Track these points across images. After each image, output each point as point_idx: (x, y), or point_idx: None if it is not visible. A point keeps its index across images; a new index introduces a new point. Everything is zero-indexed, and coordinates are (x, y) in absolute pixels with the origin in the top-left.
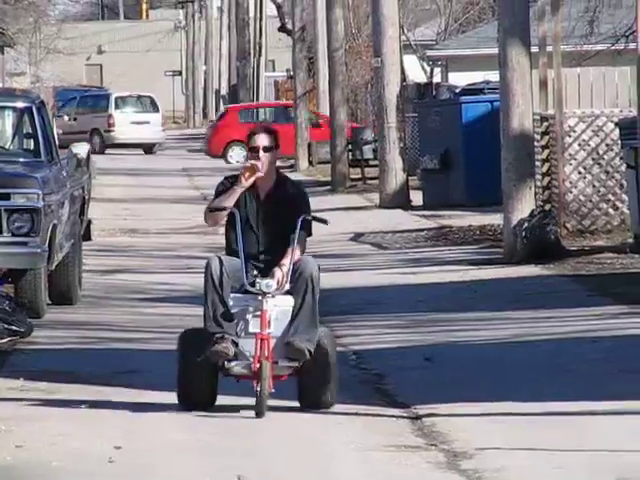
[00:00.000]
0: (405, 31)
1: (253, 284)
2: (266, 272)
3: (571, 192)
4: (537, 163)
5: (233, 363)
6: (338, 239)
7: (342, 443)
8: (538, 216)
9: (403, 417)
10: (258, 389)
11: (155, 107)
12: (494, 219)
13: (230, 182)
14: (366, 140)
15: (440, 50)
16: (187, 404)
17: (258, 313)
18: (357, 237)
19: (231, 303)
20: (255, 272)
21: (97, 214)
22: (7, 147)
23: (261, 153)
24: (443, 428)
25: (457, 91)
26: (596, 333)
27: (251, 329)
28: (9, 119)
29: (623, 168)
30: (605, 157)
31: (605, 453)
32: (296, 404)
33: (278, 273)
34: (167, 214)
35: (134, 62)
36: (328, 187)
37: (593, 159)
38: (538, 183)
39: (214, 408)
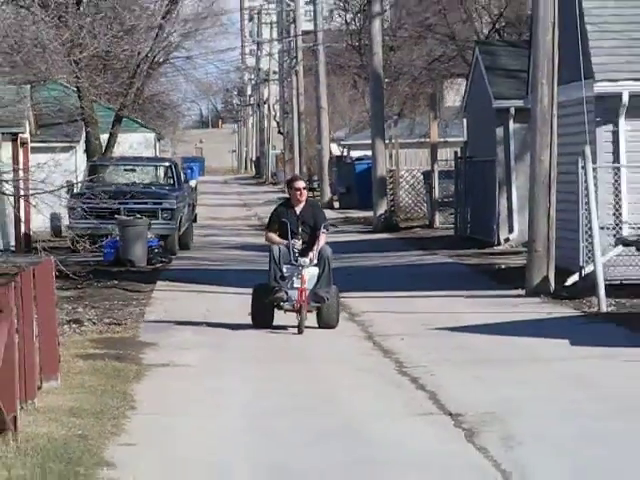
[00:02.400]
0: (331, 132)
1: (296, 260)
2: (303, 253)
3: (401, 202)
4: (388, 189)
5: (285, 303)
6: None
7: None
8: (388, 212)
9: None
10: (299, 319)
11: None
12: (369, 214)
13: (277, 211)
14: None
15: (347, 141)
16: (257, 325)
17: (299, 276)
18: None
19: (284, 270)
20: (296, 252)
21: (199, 210)
22: (162, 182)
23: (301, 191)
24: (350, 303)
25: (354, 159)
26: (412, 262)
27: (295, 285)
28: (163, 170)
29: (424, 191)
30: (416, 187)
31: (418, 314)
32: (315, 325)
33: (310, 254)
34: (229, 211)
35: (217, 146)
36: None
37: (411, 187)
38: (388, 198)
39: (272, 327)
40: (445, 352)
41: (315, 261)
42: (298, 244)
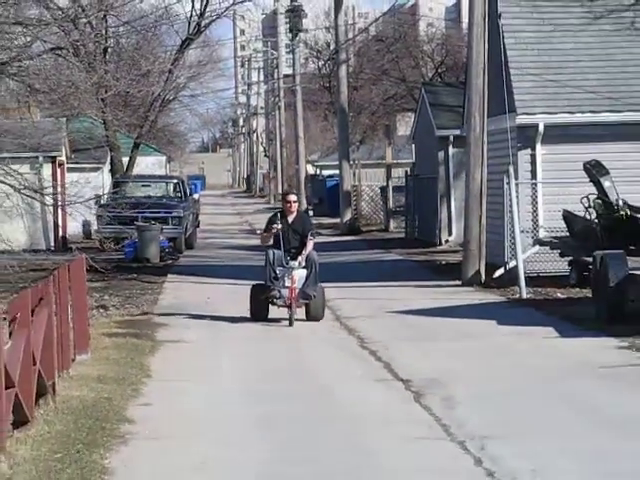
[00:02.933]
0: (307, 155)
1: (288, 263)
2: (293, 257)
3: (363, 211)
4: (352, 201)
5: (278, 300)
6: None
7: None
8: (352, 219)
9: None
10: (289, 313)
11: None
12: (337, 220)
13: (272, 219)
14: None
15: (319, 162)
16: (254, 318)
17: (290, 277)
18: None
19: (278, 272)
20: (288, 257)
21: (201, 218)
22: (171, 195)
23: (291, 203)
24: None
25: (325, 176)
26: (372, 258)
27: (286, 284)
28: (172, 185)
29: (381, 202)
30: (375, 199)
31: (376, 300)
32: (304, 317)
33: (300, 258)
34: (225, 219)
35: (216, 166)
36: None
37: (371, 199)
38: (352, 208)
39: (267, 320)
40: (397, 330)
41: (303, 264)
42: (278, 227)
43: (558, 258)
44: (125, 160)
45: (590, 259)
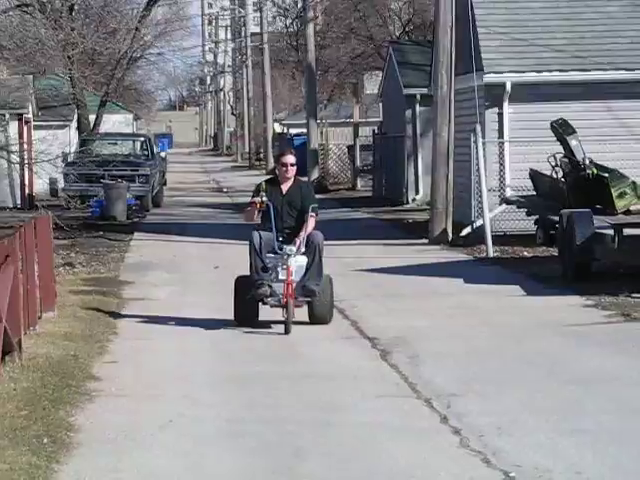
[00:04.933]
0: (274, 114)
1: (281, 248)
2: (288, 240)
3: (330, 170)
4: (320, 160)
5: (269, 299)
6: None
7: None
8: (320, 178)
9: None
10: (285, 316)
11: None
12: (304, 179)
13: (260, 187)
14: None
15: (286, 121)
16: (240, 322)
17: (285, 267)
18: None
19: (267, 261)
20: (280, 239)
21: (168, 176)
22: (138, 153)
23: (289, 167)
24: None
25: (292, 135)
26: (339, 217)
27: (280, 277)
28: (139, 143)
29: (348, 161)
30: (342, 157)
31: (343, 259)
32: (305, 320)
33: (297, 241)
34: (192, 177)
35: (183, 125)
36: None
37: (338, 158)
38: (320, 167)
39: (257, 325)
40: (364, 289)
41: (303, 249)
42: (262, 199)
43: (525, 217)
44: (92, 118)
45: (557, 218)
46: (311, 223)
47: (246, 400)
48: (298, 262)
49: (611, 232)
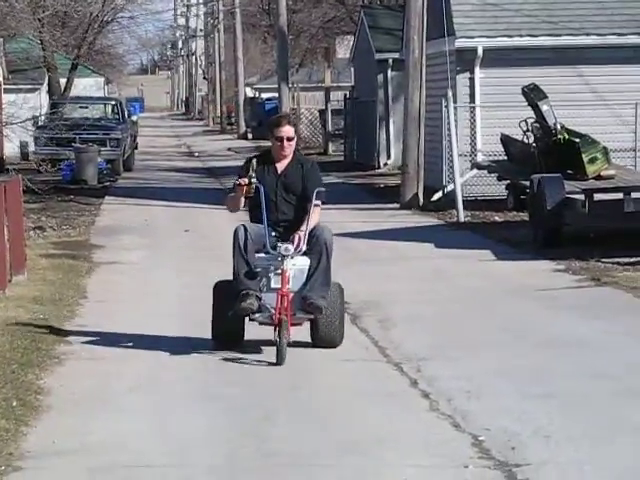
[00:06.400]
0: (246, 78)
1: (274, 247)
2: (284, 235)
3: (302, 134)
4: None
5: (257, 315)
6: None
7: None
8: None
9: None
10: (277, 339)
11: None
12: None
13: (248, 166)
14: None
15: (258, 85)
16: (219, 343)
17: (279, 272)
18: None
19: (255, 263)
20: (274, 234)
21: (140, 140)
22: (109, 117)
23: (285, 143)
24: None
25: (264, 99)
26: None
27: (273, 285)
28: (110, 107)
29: (320, 126)
30: (314, 122)
31: None
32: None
33: (297, 238)
34: (163, 141)
35: (155, 89)
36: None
37: (310, 122)
38: None
39: (238, 348)
40: (335, 253)
41: (304, 247)
42: (250, 182)
43: (496, 182)
44: (63, 82)
45: (527, 183)
46: (316, 214)
47: (213, 365)
48: (297, 266)
49: (582, 197)
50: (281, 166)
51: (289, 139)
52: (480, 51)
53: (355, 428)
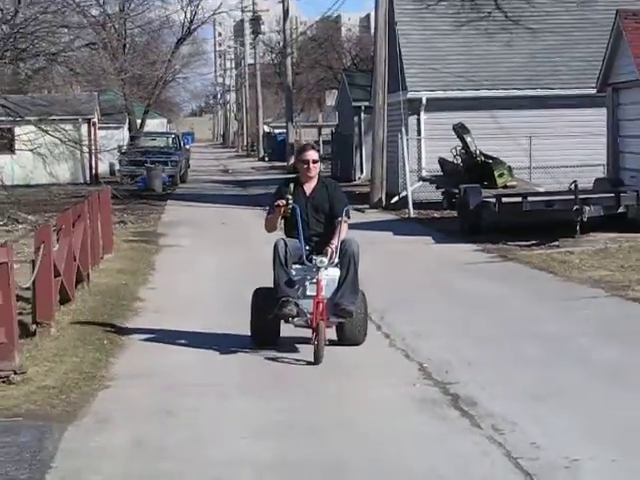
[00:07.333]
0: (264, 119)
1: (310, 259)
2: (316, 248)
3: None
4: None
5: (296, 319)
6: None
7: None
8: (293, 163)
9: None
10: (316, 342)
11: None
12: (284, 163)
13: (280, 191)
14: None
15: (272, 124)
16: (257, 342)
17: (314, 281)
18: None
19: (293, 273)
20: (308, 247)
21: (192, 162)
22: (170, 146)
23: (311, 165)
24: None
25: (276, 133)
26: None
27: (308, 292)
28: (171, 139)
29: None
30: None
31: None
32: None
33: (330, 251)
34: (208, 162)
35: (201, 126)
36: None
37: None
38: (294, 155)
39: (277, 345)
40: None
41: (336, 260)
42: (285, 203)
43: (435, 190)
44: (138, 122)
45: (456, 191)
46: (344, 229)
47: (237, 317)
48: (329, 275)
49: (494, 200)
50: (309, 188)
51: (314, 161)
52: (424, 100)
53: (329, 359)
